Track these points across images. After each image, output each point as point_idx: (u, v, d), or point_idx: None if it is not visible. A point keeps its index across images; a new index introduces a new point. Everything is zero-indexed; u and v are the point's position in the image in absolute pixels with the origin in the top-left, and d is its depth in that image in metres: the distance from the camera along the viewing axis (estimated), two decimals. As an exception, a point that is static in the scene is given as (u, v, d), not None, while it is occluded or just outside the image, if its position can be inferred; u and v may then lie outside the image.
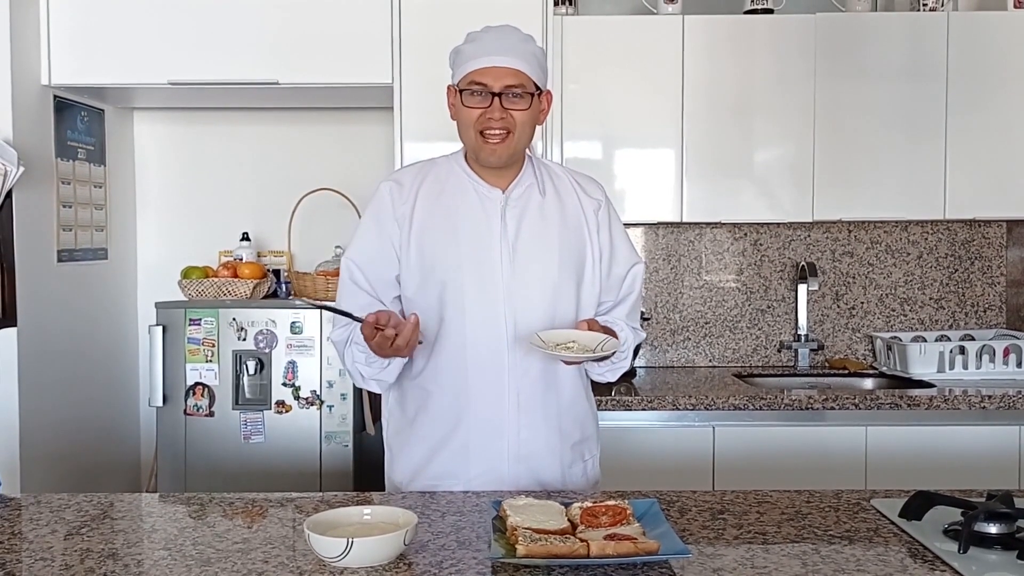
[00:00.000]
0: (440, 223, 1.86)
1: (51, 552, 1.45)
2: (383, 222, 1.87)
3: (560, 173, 1.96)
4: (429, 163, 1.95)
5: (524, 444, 1.86)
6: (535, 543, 1.33)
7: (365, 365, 1.84)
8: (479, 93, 1.79)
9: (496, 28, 1.84)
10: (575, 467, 1.94)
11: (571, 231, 1.89)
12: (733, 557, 1.41)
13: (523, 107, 1.80)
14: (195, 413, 3.06)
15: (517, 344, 1.83)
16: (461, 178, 1.89)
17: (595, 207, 1.93)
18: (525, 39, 1.83)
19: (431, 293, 1.84)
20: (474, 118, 1.80)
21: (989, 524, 1.44)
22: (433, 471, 1.88)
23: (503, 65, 1.78)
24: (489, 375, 1.83)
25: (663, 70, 3.15)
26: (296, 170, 3.54)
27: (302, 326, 3.02)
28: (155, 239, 3.63)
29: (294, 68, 2.99)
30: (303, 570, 1.35)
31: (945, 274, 3.54)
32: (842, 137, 3.16)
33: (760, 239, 3.53)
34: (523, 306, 1.83)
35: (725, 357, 3.55)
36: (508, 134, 1.80)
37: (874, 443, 2.85)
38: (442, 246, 1.84)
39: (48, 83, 2.98)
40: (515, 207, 1.87)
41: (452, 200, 1.87)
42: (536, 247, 1.85)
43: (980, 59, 3.14)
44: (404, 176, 1.92)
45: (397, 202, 1.87)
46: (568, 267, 1.87)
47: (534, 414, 1.86)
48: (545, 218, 1.88)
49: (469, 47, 1.82)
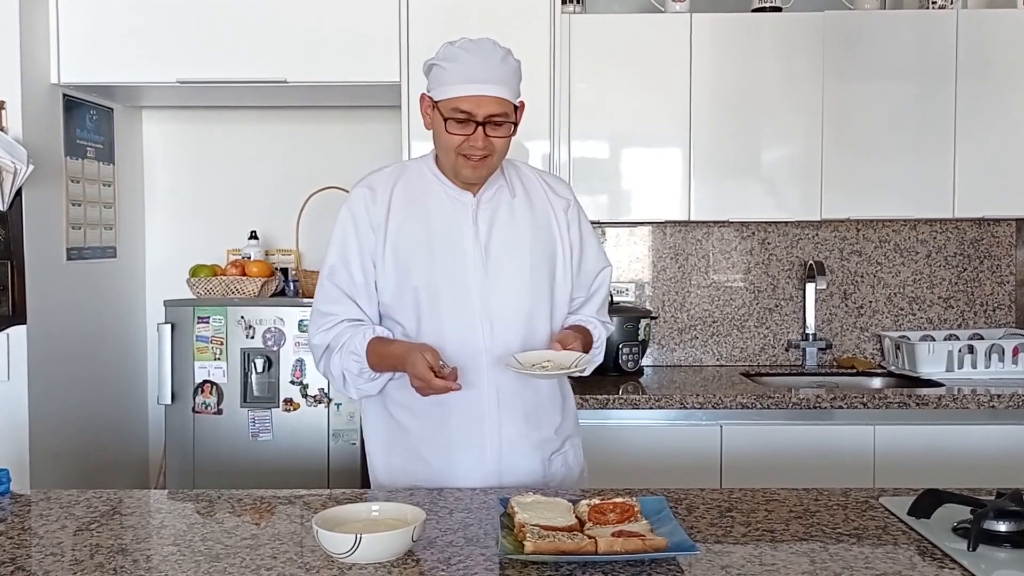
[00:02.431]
0: (413, 228, 1.88)
1: (61, 547, 1.46)
2: (360, 229, 1.89)
3: (528, 173, 1.99)
4: (400, 167, 1.98)
5: (506, 441, 1.89)
6: (543, 540, 1.33)
7: (356, 375, 1.86)
8: (462, 121, 1.79)
9: (476, 46, 1.80)
10: (556, 459, 1.96)
11: (542, 230, 1.93)
12: (741, 555, 1.41)
13: (505, 135, 1.82)
14: (203, 411, 3.07)
15: (494, 344, 1.86)
16: (432, 183, 1.91)
17: (564, 206, 1.97)
18: (504, 57, 1.82)
19: (406, 298, 1.87)
20: (455, 143, 1.81)
21: (999, 522, 1.44)
22: (416, 471, 1.90)
23: (487, 94, 1.78)
24: (468, 376, 1.84)
25: (670, 69, 3.14)
26: (304, 168, 3.55)
27: (310, 324, 3.02)
28: (164, 237, 3.64)
29: (302, 66, 3.00)
30: (311, 566, 1.35)
31: (954, 273, 3.52)
32: (850, 135, 3.15)
33: (768, 238, 3.53)
34: (498, 307, 1.87)
35: (733, 356, 3.54)
36: (488, 157, 1.83)
37: (882, 442, 2.84)
38: (416, 251, 1.87)
39: (57, 82, 2.99)
40: (486, 209, 1.90)
41: (424, 205, 1.89)
42: (509, 248, 1.89)
43: (990, 57, 3.13)
44: (376, 182, 1.93)
45: (372, 209, 1.89)
46: (540, 266, 1.91)
47: (514, 411, 1.89)
48: (516, 219, 1.91)
49: (452, 68, 1.79)
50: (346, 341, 1.85)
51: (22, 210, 2.79)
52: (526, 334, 1.88)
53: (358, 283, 1.89)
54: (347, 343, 1.84)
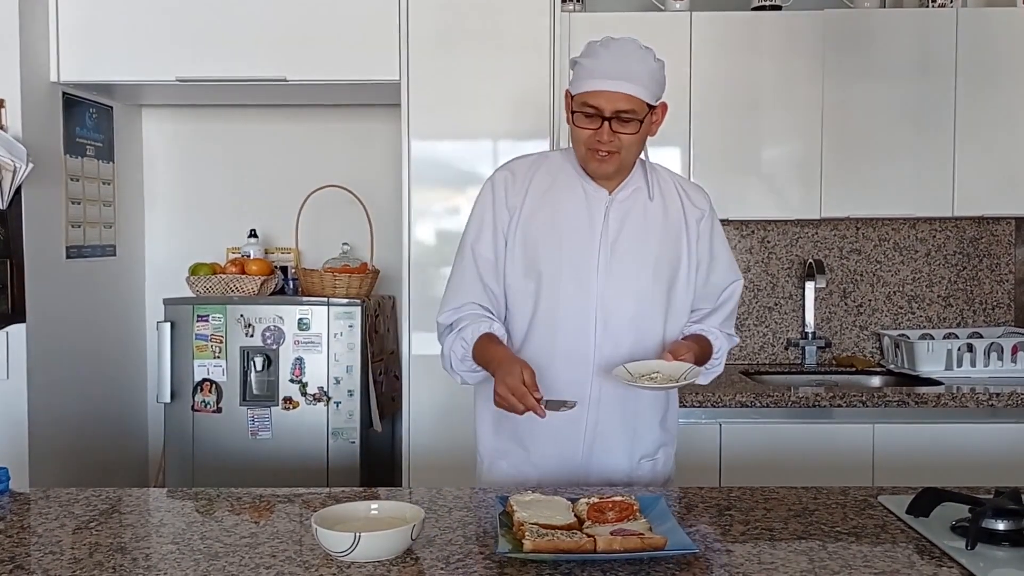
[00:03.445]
0: (545, 216, 1.91)
1: (60, 546, 1.46)
2: (498, 208, 1.93)
3: (667, 178, 2.00)
4: (542, 156, 2.01)
5: (599, 438, 1.92)
6: (542, 538, 1.33)
7: (460, 360, 1.90)
8: (590, 116, 1.81)
9: (616, 44, 1.83)
10: (644, 463, 1.97)
11: (671, 237, 1.93)
12: (740, 553, 1.41)
13: (632, 131, 1.82)
14: (203, 409, 3.07)
15: (604, 342, 1.88)
16: (571, 175, 1.93)
17: (698, 216, 1.97)
18: (642, 57, 1.82)
19: (529, 282, 1.90)
20: (584, 137, 1.84)
21: (997, 520, 1.44)
22: (516, 456, 1.94)
23: (616, 90, 1.79)
24: (574, 367, 1.88)
25: (670, 67, 3.04)
26: (304, 167, 3.54)
27: (309, 323, 3.03)
28: (163, 236, 3.64)
29: (302, 65, 3.00)
30: (310, 564, 1.35)
31: (953, 271, 3.52)
32: (850, 133, 3.15)
33: (767, 236, 3.53)
34: (614, 306, 1.89)
35: (732, 354, 3.51)
36: (615, 154, 1.84)
37: (881, 441, 2.84)
38: (544, 238, 1.90)
39: (57, 80, 2.99)
40: (619, 209, 1.91)
41: (559, 195, 1.92)
42: (634, 250, 1.90)
43: (989, 55, 3.13)
44: (518, 166, 1.97)
45: (511, 191, 1.93)
46: (662, 273, 1.92)
47: (612, 411, 1.91)
48: (647, 222, 1.92)
49: (587, 63, 1.82)
50: (464, 327, 1.89)
51: (21, 208, 2.79)
52: (637, 337, 1.90)
53: (488, 260, 1.93)
54: (464, 329, 1.89)
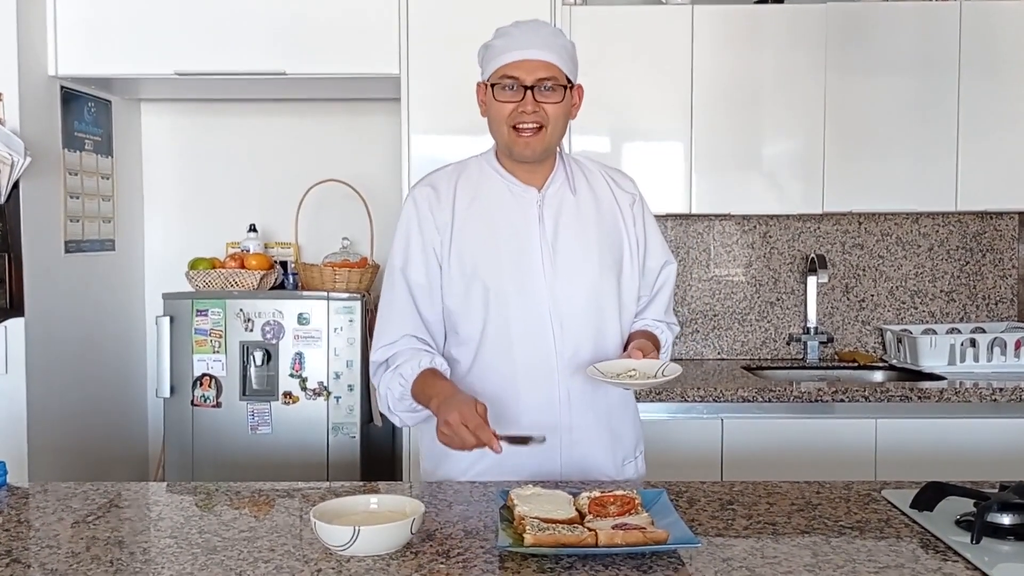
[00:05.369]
0: (478, 228, 1.81)
1: (58, 540, 1.45)
2: (425, 230, 1.82)
3: (592, 167, 1.94)
4: (459, 165, 1.91)
5: (577, 444, 1.82)
6: (543, 532, 1.32)
7: (397, 399, 1.79)
8: (511, 87, 1.76)
9: (526, 23, 1.81)
10: (628, 465, 1.91)
11: (608, 226, 1.87)
12: (743, 547, 1.40)
13: (556, 100, 1.77)
14: (202, 404, 3.06)
15: (564, 345, 1.80)
16: (494, 179, 1.85)
17: (630, 201, 1.91)
18: (555, 32, 1.81)
19: (474, 298, 1.79)
20: (506, 113, 1.77)
21: (1002, 514, 1.43)
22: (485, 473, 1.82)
23: (535, 58, 1.75)
24: (538, 377, 1.79)
25: (672, 61, 3.13)
26: (303, 161, 3.53)
27: (309, 317, 3.02)
28: (162, 230, 3.63)
29: (301, 59, 2.99)
30: (309, 558, 1.34)
31: (956, 267, 3.51)
32: (852, 128, 3.14)
33: (769, 231, 3.51)
34: (567, 307, 1.80)
35: (734, 350, 3.53)
36: (541, 128, 1.77)
37: (884, 436, 2.83)
38: (481, 251, 1.80)
39: (55, 74, 2.98)
40: (552, 205, 1.84)
41: (488, 203, 1.83)
42: (576, 245, 1.82)
43: (993, 49, 3.11)
44: (438, 180, 1.87)
45: (436, 209, 1.82)
46: (608, 262, 1.85)
47: (585, 414, 1.83)
48: (581, 214, 1.85)
49: (499, 42, 1.79)
50: (401, 363, 1.77)
51: (20, 202, 2.78)
52: (595, 334, 1.82)
53: (421, 285, 1.82)
54: (401, 365, 1.77)
